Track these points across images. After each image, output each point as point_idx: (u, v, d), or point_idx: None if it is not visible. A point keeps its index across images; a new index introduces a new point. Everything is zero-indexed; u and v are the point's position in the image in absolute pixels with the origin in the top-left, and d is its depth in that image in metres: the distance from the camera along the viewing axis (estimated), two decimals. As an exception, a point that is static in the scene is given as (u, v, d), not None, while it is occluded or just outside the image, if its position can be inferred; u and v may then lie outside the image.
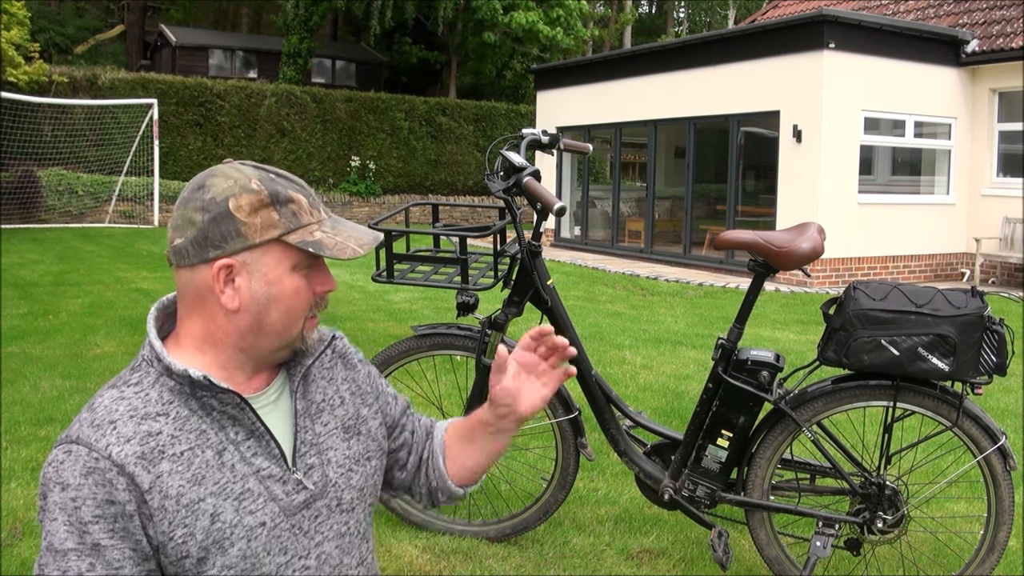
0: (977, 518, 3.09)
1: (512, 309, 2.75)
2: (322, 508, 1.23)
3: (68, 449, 1.10)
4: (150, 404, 1.14)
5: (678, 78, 12.58)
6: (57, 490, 1.07)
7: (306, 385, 1.29)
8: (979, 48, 11.37)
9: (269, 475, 1.18)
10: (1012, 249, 11.08)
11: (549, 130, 2.83)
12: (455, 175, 20.89)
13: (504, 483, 3.45)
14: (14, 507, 3.15)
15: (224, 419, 1.17)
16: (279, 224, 1.16)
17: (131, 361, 1.22)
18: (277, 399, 1.25)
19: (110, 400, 1.14)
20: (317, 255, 1.19)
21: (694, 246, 12.63)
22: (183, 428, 1.14)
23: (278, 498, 1.18)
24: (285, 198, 1.17)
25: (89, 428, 1.11)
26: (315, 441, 1.26)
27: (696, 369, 5.68)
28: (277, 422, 1.24)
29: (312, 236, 1.18)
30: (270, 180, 1.18)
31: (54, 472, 1.09)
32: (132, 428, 1.11)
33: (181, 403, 1.15)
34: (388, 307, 7.88)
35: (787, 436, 2.53)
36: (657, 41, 21.53)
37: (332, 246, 1.17)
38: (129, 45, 28.87)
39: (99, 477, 1.07)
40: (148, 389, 1.15)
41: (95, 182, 15.92)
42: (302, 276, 1.19)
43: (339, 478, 1.27)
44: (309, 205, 1.19)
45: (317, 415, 1.28)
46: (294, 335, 1.21)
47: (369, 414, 1.36)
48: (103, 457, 1.08)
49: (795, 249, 2.48)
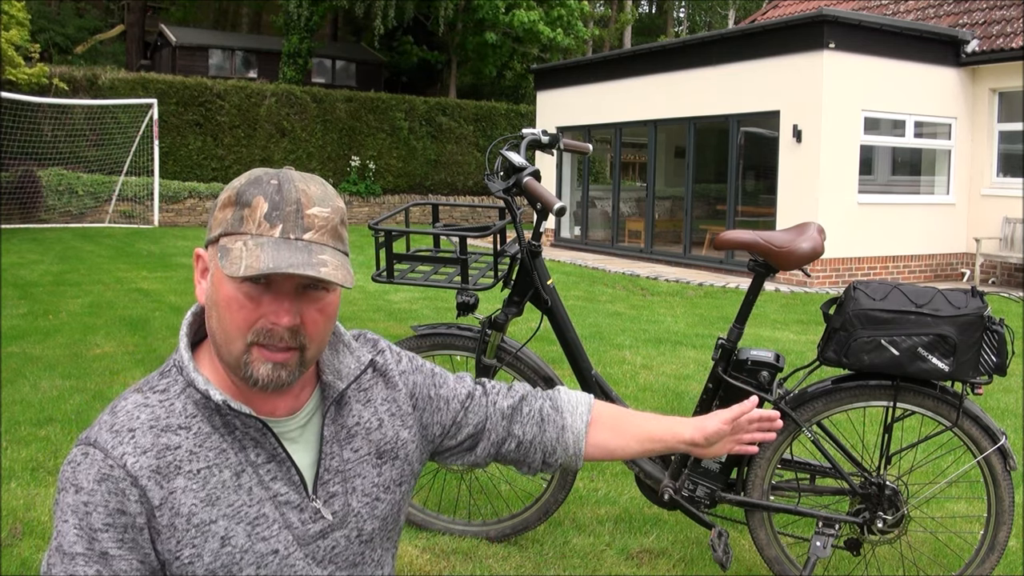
0: (977, 518, 3.09)
1: (512, 309, 2.75)
2: (340, 539, 1.19)
3: (86, 451, 1.08)
4: (173, 415, 1.11)
5: (678, 78, 12.58)
6: (71, 491, 1.06)
7: (339, 408, 1.23)
8: (979, 48, 11.37)
9: (286, 501, 1.14)
10: (1012, 249, 11.08)
11: (549, 130, 2.83)
12: (455, 175, 20.89)
13: (504, 483, 3.45)
14: (14, 507, 3.15)
15: (246, 440, 1.13)
16: (224, 223, 1.10)
17: (162, 364, 1.19)
18: (307, 422, 1.20)
19: (133, 406, 1.11)
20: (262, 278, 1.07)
21: (694, 246, 12.63)
22: (203, 445, 1.10)
23: (293, 526, 1.14)
24: (245, 200, 1.09)
25: (108, 432, 1.08)
26: (341, 468, 1.21)
27: (696, 369, 5.68)
28: (304, 446, 1.19)
29: (232, 243, 1.08)
30: (256, 182, 1.10)
31: (71, 472, 1.07)
32: (151, 439, 1.08)
33: (204, 418, 1.11)
34: (388, 307, 7.88)
35: (787, 436, 2.53)
36: (657, 41, 21.52)
37: (234, 258, 1.05)
38: (129, 45, 28.88)
39: (112, 485, 1.05)
40: (174, 399, 1.12)
41: (95, 182, 15.93)
42: (246, 292, 1.07)
43: (363, 508, 1.22)
44: (264, 217, 1.07)
45: (348, 440, 1.22)
46: (234, 355, 1.09)
47: (409, 437, 1.30)
48: (118, 466, 1.06)
49: (795, 249, 2.48)
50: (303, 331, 1.10)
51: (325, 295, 1.12)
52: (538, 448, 1.43)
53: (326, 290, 1.12)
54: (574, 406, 1.45)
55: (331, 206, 1.12)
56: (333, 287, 1.12)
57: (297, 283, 1.09)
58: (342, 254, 1.13)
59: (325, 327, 1.14)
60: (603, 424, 1.45)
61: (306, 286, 1.10)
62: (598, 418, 1.46)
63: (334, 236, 1.12)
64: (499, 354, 2.80)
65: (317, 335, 1.12)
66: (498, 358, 2.80)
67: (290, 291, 1.09)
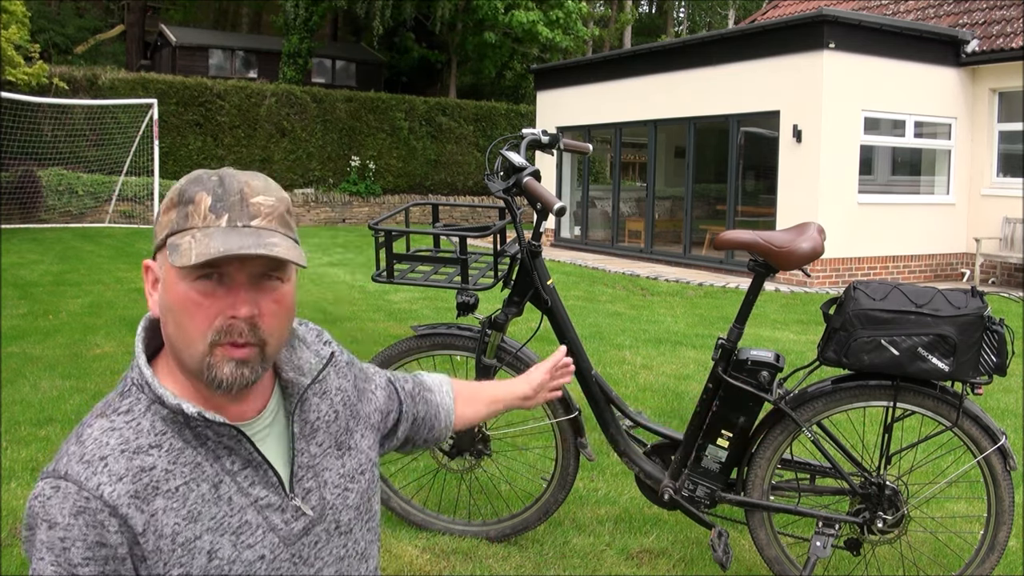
0: (977, 518, 3.09)
1: (512, 309, 2.75)
2: (321, 533, 1.19)
3: (56, 485, 1.03)
4: (142, 435, 1.08)
5: (678, 78, 12.58)
6: (44, 527, 1.02)
7: (302, 405, 1.23)
8: (979, 48, 11.37)
9: (268, 504, 1.14)
10: (1012, 249, 11.08)
11: (549, 130, 2.83)
12: (455, 175, 20.89)
13: (504, 483, 3.45)
14: (14, 507, 3.15)
15: (220, 449, 1.11)
16: (169, 225, 1.09)
17: (118, 383, 1.16)
18: (272, 421, 1.20)
19: (100, 432, 1.07)
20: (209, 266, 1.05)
21: (694, 246, 12.63)
22: (177, 461, 1.08)
23: (277, 528, 1.14)
24: (188, 198, 1.08)
25: (79, 464, 1.04)
26: (311, 464, 1.20)
27: (696, 369, 5.68)
28: (273, 446, 1.18)
29: (179, 239, 1.06)
30: (197, 180, 1.09)
31: (41, 507, 1.03)
32: (124, 464, 1.05)
33: (175, 434, 1.09)
34: (388, 307, 7.88)
35: (787, 436, 2.53)
36: (657, 41, 21.52)
37: (184, 251, 1.04)
38: (129, 45, 28.88)
39: (89, 518, 1.02)
40: (140, 418, 1.09)
41: (95, 182, 15.92)
42: (199, 290, 1.06)
43: (336, 499, 1.22)
44: (208, 209, 1.07)
45: (312, 435, 1.22)
46: (195, 358, 1.07)
47: (356, 427, 1.31)
48: (94, 497, 1.02)
49: (795, 249, 2.48)
50: (261, 324, 1.08)
51: (280, 285, 1.10)
52: (425, 425, 1.54)
53: (280, 280, 1.10)
54: (439, 385, 1.60)
55: (275, 196, 1.12)
56: (287, 277, 1.12)
57: (250, 273, 1.07)
58: (292, 240, 1.11)
59: (283, 320, 1.12)
60: (461, 397, 1.63)
61: (260, 276, 1.08)
62: (457, 393, 1.62)
63: (282, 223, 1.11)
64: (499, 354, 2.80)
65: (276, 328, 1.11)
66: (498, 358, 2.80)
67: (244, 282, 1.07)
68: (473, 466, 2.98)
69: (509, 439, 3.80)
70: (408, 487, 3.35)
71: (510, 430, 3.63)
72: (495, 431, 3.17)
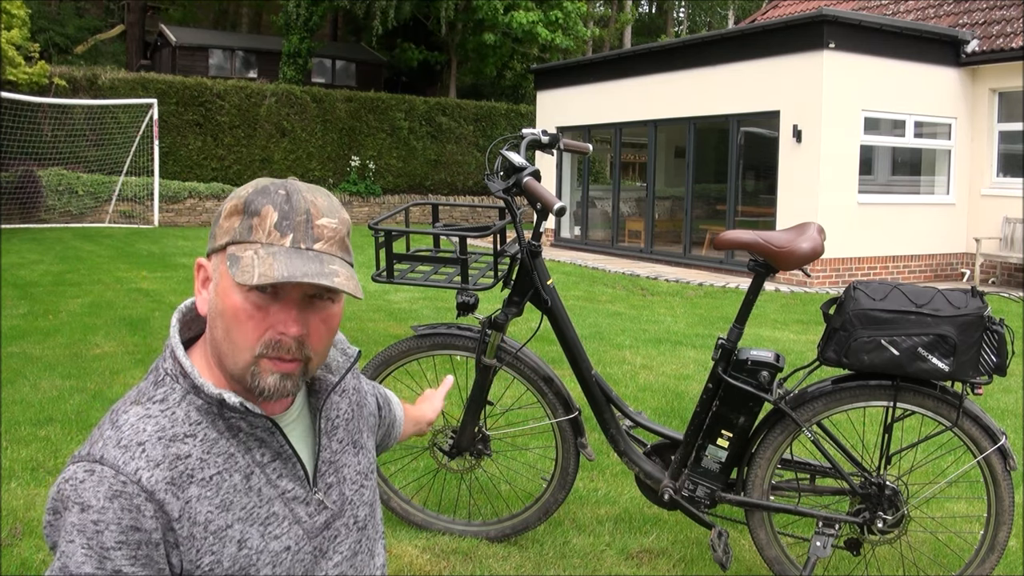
0: (977, 518, 3.09)
1: (512, 309, 2.75)
2: (340, 527, 1.22)
3: (91, 468, 1.04)
4: (178, 424, 1.09)
5: (678, 78, 12.58)
6: (76, 510, 1.02)
7: (327, 402, 1.26)
8: (979, 48, 11.37)
9: (294, 497, 1.16)
10: (1012, 249, 11.08)
11: (549, 130, 2.83)
12: (455, 175, 20.89)
13: (504, 483, 3.45)
14: (14, 507, 3.15)
15: (251, 441, 1.14)
16: (232, 232, 1.10)
17: (149, 371, 1.17)
18: (298, 416, 1.23)
19: (136, 418, 1.08)
20: (270, 286, 1.06)
21: (694, 246, 12.63)
22: (211, 451, 1.10)
23: (302, 520, 1.17)
24: (254, 210, 1.09)
25: (115, 449, 1.05)
26: (332, 459, 1.24)
27: (696, 369, 5.68)
28: (298, 440, 1.21)
29: (242, 252, 1.07)
30: (264, 192, 1.10)
31: (72, 490, 1.03)
32: (161, 451, 1.06)
33: (209, 424, 1.11)
34: (388, 307, 7.88)
35: (787, 436, 2.53)
36: (657, 41, 21.52)
37: (246, 266, 1.05)
38: (129, 45, 28.87)
39: (126, 502, 1.02)
40: (175, 408, 1.10)
41: (95, 182, 15.93)
42: (253, 302, 1.07)
43: (353, 495, 1.25)
44: (274, 226, 1.08)
45: (333, 432, 1.26)
46: (239, 365, 1.09)
47: (363, 427, 1.35)
48: (131, 482, 1.03)
49: (795, 249, 2.48)
50: (308, 342, 1.11)
51: (330, 306, 1.12)
52: (389, 435, 1.62)
53: (332, 301, 1.12)
54: (394, 397, 1.68)
55: (338, 217, 1.13)
56: (338, 298, 1.14)
57: (304, 293, 1.09)
58: (349, 265, 1.13)
59: (328, 338, 1.15)
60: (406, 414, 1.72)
61: (312, 296, 1.10)
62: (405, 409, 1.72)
63: (342, 247, 1.13)
64: (499, 354, 2.80)
65: (320, 346, 1.13)
66: (498, 358, 2.80)
67: (297, 300, 1.09)
68: (473, 466, 2.98)
69: (509, 439, 3.80)
70: (408, 487, 3.36)
71: (510, 430, 3.63)
72: (495, 431, 3.18)
